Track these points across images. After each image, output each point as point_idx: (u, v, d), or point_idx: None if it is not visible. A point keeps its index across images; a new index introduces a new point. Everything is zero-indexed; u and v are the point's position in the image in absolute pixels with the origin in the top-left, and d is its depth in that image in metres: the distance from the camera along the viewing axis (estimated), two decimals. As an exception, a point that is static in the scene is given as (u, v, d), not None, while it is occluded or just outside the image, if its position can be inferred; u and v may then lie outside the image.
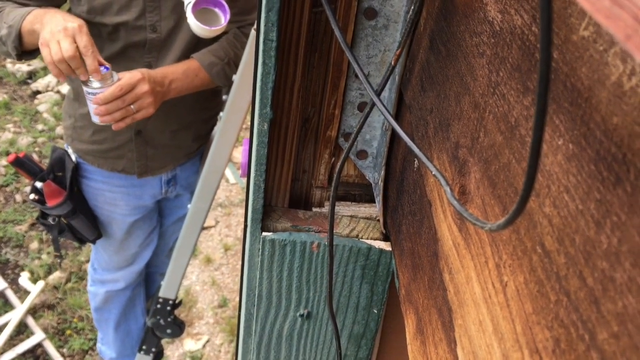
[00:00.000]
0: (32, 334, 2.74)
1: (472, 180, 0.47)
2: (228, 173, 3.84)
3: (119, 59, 1.55)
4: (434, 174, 0.40)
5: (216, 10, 1.39)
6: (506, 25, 0.44)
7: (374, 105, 0.48)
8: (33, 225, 3.25)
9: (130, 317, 2.20)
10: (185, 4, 1.37)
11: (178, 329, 2.01)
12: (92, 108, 1.39)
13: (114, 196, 1.83)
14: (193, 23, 1.34)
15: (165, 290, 1.97)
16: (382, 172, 0.73)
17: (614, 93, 0.30)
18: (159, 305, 1.94)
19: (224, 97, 1.89)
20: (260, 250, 0.72)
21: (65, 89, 3.98)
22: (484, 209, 0.44)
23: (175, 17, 1.53)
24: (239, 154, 3.63)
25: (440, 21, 0.58)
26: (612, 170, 0.30)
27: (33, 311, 2.85)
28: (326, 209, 0.78)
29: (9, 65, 4.21)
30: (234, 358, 0.94)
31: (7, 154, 3.59)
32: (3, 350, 2.62)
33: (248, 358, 0.85)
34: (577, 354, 0.31)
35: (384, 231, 0.75)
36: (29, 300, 2.84)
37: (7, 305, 2.85)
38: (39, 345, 2.71)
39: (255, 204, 0.70)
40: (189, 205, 1.84)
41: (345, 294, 0.77)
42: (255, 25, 1.41)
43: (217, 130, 1.66)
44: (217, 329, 2.97)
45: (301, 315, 0.79)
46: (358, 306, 0.79)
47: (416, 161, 0.62)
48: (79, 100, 1.70)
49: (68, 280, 3.02)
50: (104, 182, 1.81)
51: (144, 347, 2.09)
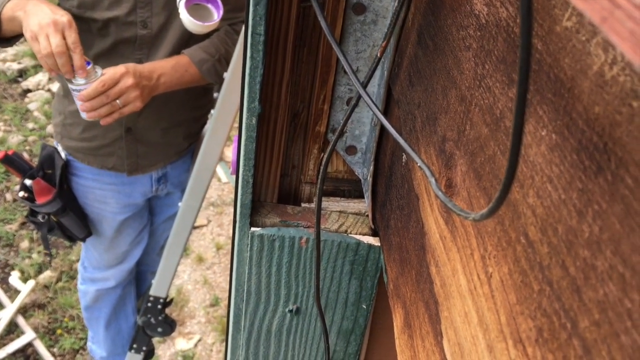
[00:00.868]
0: (23, 333, 2.72)
1: (459, 173, 0.47)
2: (220, 172, 3.83)
3: (109, 55, 1.54)
4: (419, 165, 0.40)
5: (209, 6, 1.39)
6: (492, 18, 0.44)
7: (360, 98, 0.48)
8: (23, 224, 3.23)
9: (120, 316, 2.19)
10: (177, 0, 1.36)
11: (169, 327, 2.00)
12: (79, 104, 1.39)
13: (104, 194, 1.83)
14: (186, 18, 1.33)
15: (156, 288, 1.97)
16: (371, 168, 0.73)
17: (595, 82, 0.30)
18: (149, 304, 1.94)
19: (215, 95, 1.89)
20: (249, 246, 0.72)
21: (56, 87, 3.96)
22: (470, 201, 0.44)
23: (166, 14, 1.53)
24: (231, 153, 3.62)
25: (428, 15, 0.58)
26: (594, 160, 0.30)
27: (23, 310, 2.83)
28: (315, 204, 0.77)
29: (-1, 64, 4.18)
30: (225, 355, 0.94)
31: (-3, 152, 3.56)
32: (-7, 350, 2.61)
33: (237, 354, 0.84)
34: (560, 342, 0.31)
35: (373, 226, 0.75)
36: (20, 300, 2.82)
37: (-3, 305, 2.83)
38: (30, 344, 2.69)
39: (243, 199, 0.70)
40: (180, 204, 1.84)
41: (334, 289, 0.77)
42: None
43: (208, 128, 1.66)
44: (209, 328, 2.96)
45: (290, 311, 0.79)
46: (347, 302, 0.79)
47: (404, 156, 0.62)
48: (69, 97, 1.69)
49: (59, 279, 3.01)
50: (94, 180, 1.80)
51: (135, 346, 2.08)
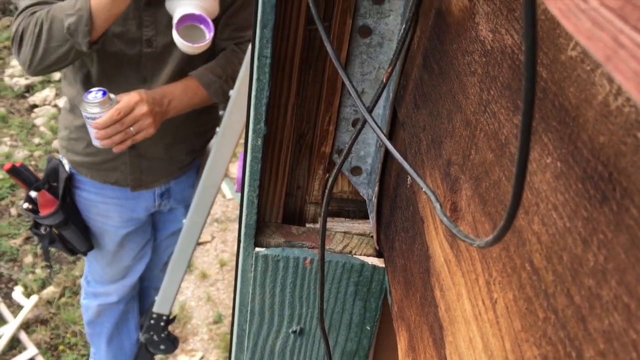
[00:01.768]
0: (25, 349, 2.71)
1: (463, 198, 0.47)
2: (225, 188, 3.83)
3: (114, 72, 1.55)
4: (424, 190, 0.41)
5: (201, 27, 1.40)
6: (497, 45, 0.44)
7: (366, 122, 0.49)
8: (28, 239, 3.24)
9: (123, 332, 2.18)
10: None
11: (172, 345, 1.99)
12: (92, 132, 1.39)
13: (106, 208, 1.83)
14: (177, 40, 1.34)
15: (159, 305, 1.96)
16: (376, 189, 0.73)
17: (600, 112, 0.30)
18: (152, 321, 1.93)
19: (221, 113, 1.90)
20: (253, 266, 0.72)
21: (62, 102, 3.99)
22: (475, 226, 0.44)
23: (171, 32, 1.54)
24: (236, 169, 3.63)
25: (433, 39, 0.59)
26: (599, 189, 0.30)
27: (26, 326, 2.83)
28: (320, 224, 0.78)
29: (6, 79, 4.22)
30: (227, 374, 0.93)
31: (3, 167, 3.58)
32: (-6, 366, 2.60)
33: (240, 374, 0.84)
34: (565, 372, 0.31)
35: (378, 247, 0.75)
36: (22, 315, 2.82)
37: (0, 320, 2.82)
38: (32, 360, 2.68)
39: (248, 219, 0.70)
40: (184, 220, 1.84)
41: (338, 310, 0.77)
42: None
43: (214, 144, 1.67)
44: (212, 345, 2.95)
45: (294, 332, 0.79)
46: (351, 323, 0.78)
47: (409, 178, 0.63)
48: (75, 112, 1.70)
49: (62, 295, 3.00)
50: (97, 194, 1.81)
51: (137, 363, 2.07)
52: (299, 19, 0.65)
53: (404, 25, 0.50)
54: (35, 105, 4.01)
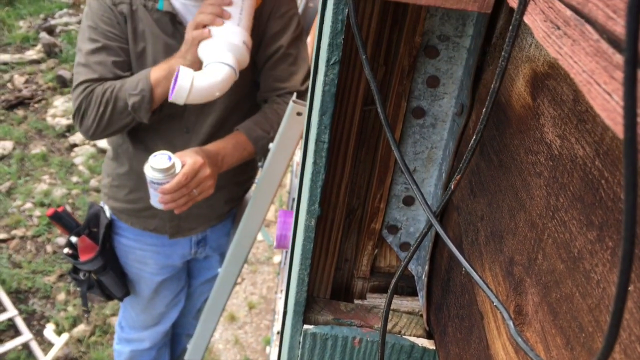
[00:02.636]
0: (54, 388, 2.72)
1: (530, 303, 0.46)
2: (256, 230, 3.84)
3: (158, 123, 1.59)
4: (495, 305, 0.40)
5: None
6: (566, 152, 0.44)
7: (432, 225, 0.48)
8: (61, 276, 3.29)
9: (154, 378, 2.17)
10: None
11: (202, 393, 1.98)
12: (156, 195, 1.42)
13: (144, 254, 1.85)
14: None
15: (192, 353, 1.96)
16: (427, 267, 0.73)
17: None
18: (184, 369, 1.92)
19: (259, 164, 1.92)
20: (301, 344, 0.71)
21: (101, 143, 4.09)
22: (544, 336, 0.43)
23: None
24: (270, 212, 3.64)
25: (491, 129, 0.59)
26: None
27: (56, 365, 2.84)
28: (368, 301, 0.77)
29: (49, 119, 4.36)
30: None
31: (42, 204, 3.67)
32: (24, 405, 2.61)
33: None
34: None
35: (427, 328, 0.73)
36: (53, 353, 2.84)
37: (31, 357, 2.85)
38: (60, 400, 2.69)
39: (298, 297, 0.70)
40: (220, 269, 1.84)
41: (385, 389, 0.75)
42: (300, 109, 1.42)
43: (252, 197, 1.68)
44: (239, 390, 2.91)
45: (339, 409, 0.77)
46: (398, 402, 0.77)
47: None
48: (117, 160, 1.74)
49: (92, 333, 3.02)
50: (136, 240, 1.83)
51: (167, 411, 2.05)
52: (356, 102, 0.66)
53: (475, 137, 0.50)
54: (75, 145, 4.12)
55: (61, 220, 1.83)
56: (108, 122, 1.48)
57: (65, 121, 4.27)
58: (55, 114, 4.34)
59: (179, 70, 1.30)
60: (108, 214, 1.81)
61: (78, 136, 4.16)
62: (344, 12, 0.54)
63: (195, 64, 1.37)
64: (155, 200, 1.43)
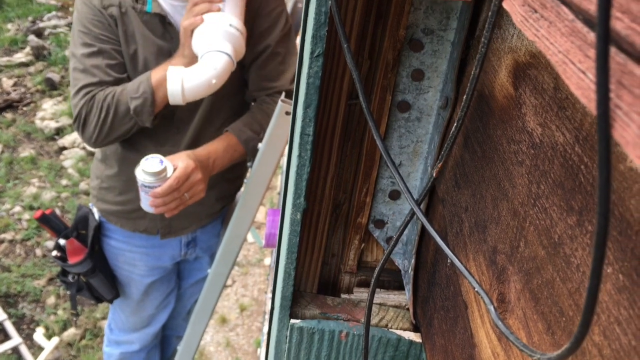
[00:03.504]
0: (44, 392, 2.70)
1: (512, 290, 0.46)
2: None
3: (150, 130, 1.58)
4: (477, 290, 0.40)
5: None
6: (547, 140, 0.44)
7: (415, 214, 0.49)
8: (51, 280, 3.26)
9: (144, 381, 2.16)
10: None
11: (192, 395, 1.97)
12: (147, 199, 1.41)
13: (133, 256, 1.84)
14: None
15: (182, 355, 1.95)
16: (413, 261, 0.73)
17: (667, 233, 0.30)
18: (174, 371, 1.91)
19: (248, 164, 1.92)
20: (288, 338, 0.71)
21: (90, 145, 4.07)
22: (526, 322, 0.44)
23: None
24: (260, 214, 3.64)
25: (475, 121, 0.59)
26: (668, 312, 0.29)
27: (46, 369, 2.82)
28: (355, 295, 0.77)
29: (37, 122, 4.33)
30: None
31: (31, 208, 3.64)
32: (13, 410, 2.58)
33: None
34: None
35: (414, 321, 0.73)
36: (42, 357, 2.82)
37: (21, 362, 2.82)
38: (50, 404, 2.66)
39: (284, 291, 0.70)
40: (209, 270, 1.84)
41: (372, 383, 0.75)
42: (289, 109, 1.41)
43: (241, 197, 1.68)
44: (230, 392, 2.90)
45: (327, 404, 0.77)
46: (385, 397, 0.77)
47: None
48: (106, 162, 1.73)
49: (82, 337, 3.00)
50: (125, 242, 1.82)
51: (157, 413, 2.04)
52: (340, 95, 0.67)
53: (456, 124, 0.50)
54: (65, 148, 4.10)
55: (49, 222, 1.81)
56: (110, 128, 1.46)
57: (54, 124, 4.25)
58: (44, 116, 4.31)
59: (168, 73, 1.29)
60: (97, 216, 1.80)
61: (67, 139, 4.14)
62: (327, 4, 0.54)
63: (195, 59, 1.36)
64: (147, 203, 1.43)
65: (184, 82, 1.30)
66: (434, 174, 0.51)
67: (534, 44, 0.39)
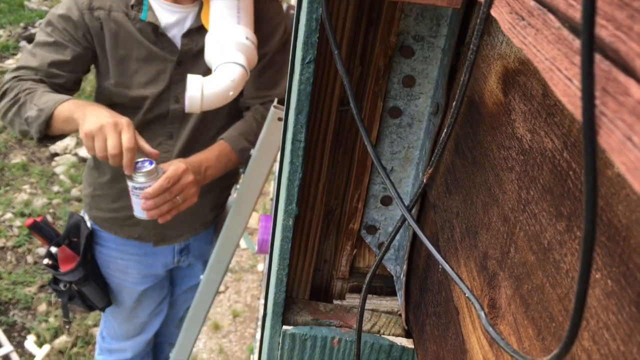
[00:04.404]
0: (35, 401, 2.68)
1: (503, 296, 0.47)
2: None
3: (141, 129, 1.58)
4: (467, 296, 0.40)
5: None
6: (536, 146, 0.44)
7: (406, 219, 0.49)
8: (42, 287, 3.24)
9: (136, 389, 2.14)
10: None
11: (185, 402, 1.95)
12: (139, 203, 1.39)
13: (126, 264, 1.83)
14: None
15: (174, 362, 1.94)
16: (405, 267, 0.73)
17: (654, 238, 0.30)
18: (166, 378, 1.90)
19: (240, 171, 1.92)
20: (280, 344, 0.71)
21: (82, 151, 4.05)
22: (517, 328, 0.44)
23: None
24: (253, 220, 3.63)
25: (466, 127, 0.59)
26: (656, 317, 0.30)
27: (37, 377, 2.79)
28: (347, 301, 0.77)
29: (29, 127, 4.31)
30: None
31: (22, 214, 3.62)
32: (4, 419, 2.56)
33: None
34: None
35: (406, 327, 0.73)
36: (33, 366, 2.79)
37: (11, 370, 2.80)
38: (41, 413, 2.64)
39: (277, 297, 0.69)
40: (202, 276, 1.83)
41: (365, 390, 0.75)
42: (281, 115, 1.40)
43: (233, 203, 1.67)
44: (223, 400, 2.88)
45: (319, 411, 0.77)
46: (378, 403, 0.76)
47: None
48: (99, 169, 1.72)
49: (74, 344, 2.98)
50: (118, 250, 1.81)
51: (149, 421, 2.02)
52: (332, 101, 0.67)
53: (446, 130, 0.51)
54: (56, 154, 4.08)
55: (40, 230, 1.80)
56: (11, 119, 1.45)
57: (46, 130, 4.23)
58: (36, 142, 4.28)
59: (187, 80, 1.28)
60: (89, 223, 1.79)
61: (59, 145, 4.12)
62: (318, 11, 0.55)
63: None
64: (139, 208, 1.41)
65: (204, 89, 1.29)
66: (424, 180, 0.52)
67: (522, 51, 0.39)
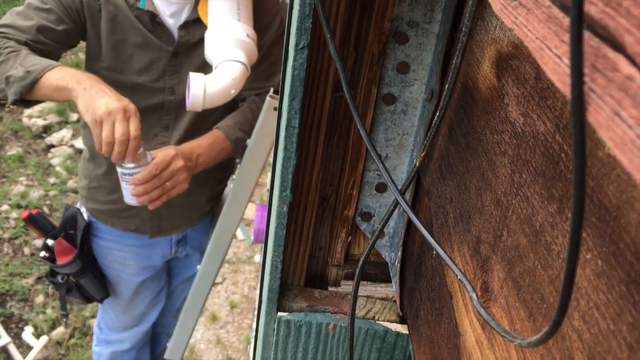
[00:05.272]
0: (33, 391, 2.68)
1: (495, 279, 0.47)
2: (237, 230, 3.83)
3: None
4: (459, 278, 0.40)
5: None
6: (528, 129, 0.45)
7: (399, 203, 0.49)
8: (39, 279, 3.24)
9: (134, 379, 2.15)
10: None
11: (182, 392, 1.96)
12: (128, 189, 1.38)
13: (123, 255, 1.83)
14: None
15: (171, 352, 1.94)
16: (400, 253, 0.73)
17: (643, 217, 0.30)
18: (164, 368, 1.91)
19: (237, 161, 1.91)
20: (276, 331, 0.71)
21: (78, 143, 4.04)
22: (509, 310, 0.44)
23: None
24: (249, 211, 3.63)
25: (459, 112, 0.59)
26: (645, 295, 0.30)
27: (35, 368, 2.80)
28: (342, 288, 0.77)
29: (25, 119, 4.30)
30: None
31: (18, 206, 3.61)
32: (2, 409, 2.56)
33: None
34: None
35: (401, 313, 0.74)
36: (31, 357, 2.80)
37: (9, 361, 2.80)
38: (39, 404, 2.65)
39: (271, 284, 0.70)
40: (199, 266, 1.83)
41: (360, 376, 0.76)
42: (277, 104, 1.39)
43: (230, 193, 1.67)
44: (221, 390, 2.90)
45: (314, 397, 0.77)
46: (373, 389, 0.77)
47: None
48: (95, 160, 1.72)
49: (72, 336, 2.98)
50: (115, 242, 1.81)
51: (147, 411, 2.04)
52: (326, 88, 0.67)
53: (438, 113, 0.51)
54: (52, 146, 4.07)
55: (36, 223, 1.80)
56: None
57: (41, 122, 4.22)
58: (32, 114, 4.27)
59: (190, 78, 1.27)
60: (85, 216, 1.79)
61: (55, 137, 4.11)
62: (311, -4, 0.54)
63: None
64: (128, 193, 1.41)
65: (207, 87, 1.28)
66: (417, 163, 0.52)
67: (516, 35, 0.39)
